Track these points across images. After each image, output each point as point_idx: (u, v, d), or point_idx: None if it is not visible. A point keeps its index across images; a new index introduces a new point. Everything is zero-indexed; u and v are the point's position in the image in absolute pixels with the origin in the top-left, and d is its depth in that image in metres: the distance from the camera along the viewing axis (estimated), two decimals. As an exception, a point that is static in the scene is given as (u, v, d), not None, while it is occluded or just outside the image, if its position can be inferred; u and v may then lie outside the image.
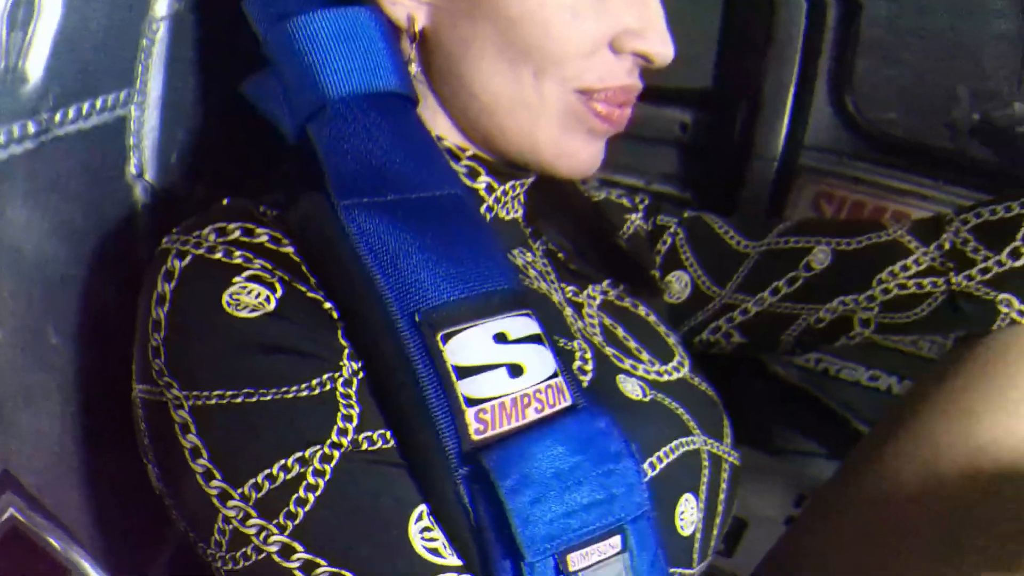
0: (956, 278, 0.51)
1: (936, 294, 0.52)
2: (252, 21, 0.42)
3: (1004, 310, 0.51)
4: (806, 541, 0.58)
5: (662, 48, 0.42)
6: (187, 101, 0.46)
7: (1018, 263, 0.50)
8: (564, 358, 0.40)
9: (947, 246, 0.52)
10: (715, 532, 0.47)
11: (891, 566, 0.52)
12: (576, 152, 0.43)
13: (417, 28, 0.41)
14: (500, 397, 0.34)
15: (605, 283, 0.51)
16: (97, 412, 0.41)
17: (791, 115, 0.87)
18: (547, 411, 0.35)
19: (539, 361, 0.35)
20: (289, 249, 0.36)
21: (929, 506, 0.51)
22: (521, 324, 0.36)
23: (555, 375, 0.35)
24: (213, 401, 0.33)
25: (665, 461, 0.42)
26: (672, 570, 0.43)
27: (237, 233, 0.35)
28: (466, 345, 0.34)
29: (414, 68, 0.42)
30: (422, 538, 0.34)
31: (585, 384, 0.42)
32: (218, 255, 0.35)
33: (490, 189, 0.45)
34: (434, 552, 0.34)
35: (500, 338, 0.35)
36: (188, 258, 0.35)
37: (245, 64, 0.42)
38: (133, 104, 0.42)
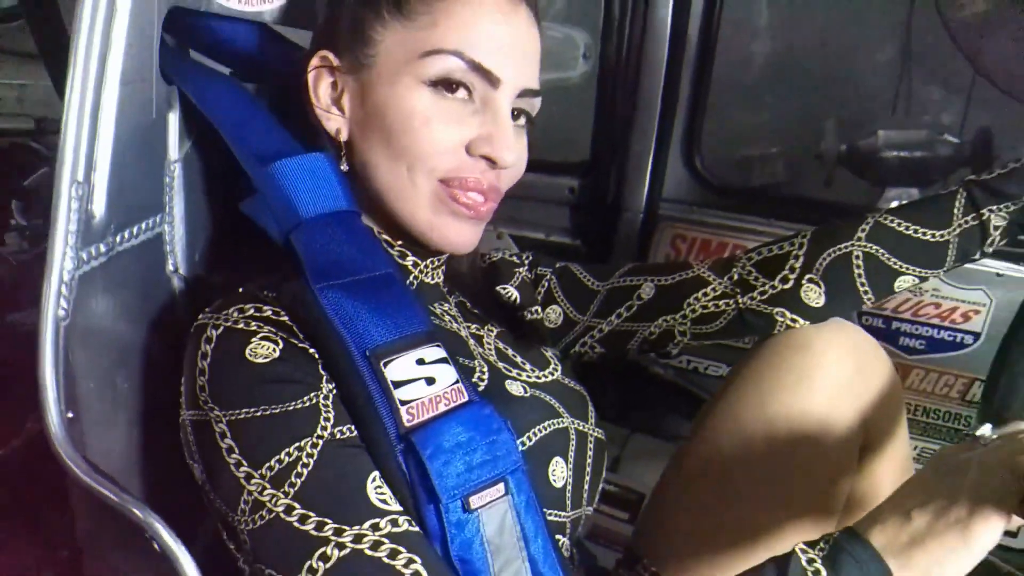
0: (742, 299, 0.74)
1: (728, 311, 0.75)
2: (241, 163, 0.62)
3: (780, 319, 0.74)
4: (657, 502, 0.78)
5: (503, 155, 0.58)
6: (203, 217, 0.65)
7: (786, 286, 0.73)
8: (466, 372, 0.60)
9: (735, 277, 0.75)
10: (585, 488, 0.67)
11: (709, 519, 0.71)
12: (443, 228, 0.60)
13: (342, 139, 0.62)
14: (421, 398, 0.53)
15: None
16: (151, 431, 0.60)
17: (651, 176, 1.12)
18: (451, 405, 0.53)
19: (445, 374, 0.55)
20: (284, 318, 0.55)
21: (741, 468, 0.71)
22: (433, 352, 0.55)
23: (456, 382, 0.55)
24: (242, 415, 0.51)
25: (539, 435, 0.62)
26: (549, 511, 0.61)
27: (251, 311, 0.54)
28: (398, 367, 0.53)
29: (344, 167, 0.61)
30: (376, 493, 0.50)
31: (481, 388, 0.62)
32: (240, 325, 0.53)
33: (415, 264, 0.65)
34: (383, 502, 0.50)
35: (419, 361, 0.54)
36: (220, 328, 0.53)
37: (240, 188, 0.62)
38: (166, 224, 0.62)
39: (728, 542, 0.71)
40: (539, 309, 0.79)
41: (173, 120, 0.64)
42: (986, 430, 0.53)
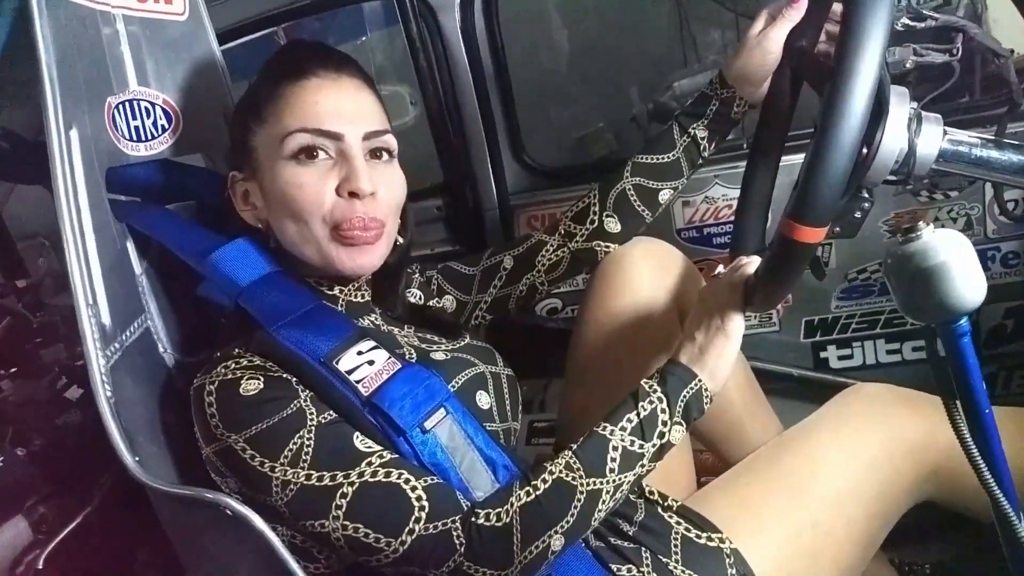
0: (571, 244, 1.03)
1: (565, 256, 1.03)
2: (187, 261, 0.85)
3: (598, 248, 1.02)
4: (562, 407, 1.06)
5: (360, 185, 0.76)
6: (172, 307, 0.89)
7: (594, 225, 1.01)
8: (398, 355, 0.85)
9: (562, 232, 1.04)
10: (507, 407, 0.91)
11: (592, 400, 0.97)
12: (343, 262, 0.79)
13: (261, 225, 0.85)
14: (368, 375, 0.76)
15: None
16: (183, 456, 0.81)
17: (494, 179, 1.41)
18: (391, 372, 0.77)
19: (380, 356, 0.78)
20: (257, 360, 0.76)
21: (602, 358, 0.98)
22: (366, 344, 0.79)
23: (389, 358, 0.79)
24: (253, 432, 0.69)
25: (463, 379, 0.86)
26: (485, 424, 0.83)
27: (233, 364, 0.75)
28: (345, 361, 0.76)
29: (272, 242, 0.85)
30: (361, 444, 0.71)
31: (412, 361, 0.87)
32: (229, 376, 0.72)
33: (341, 291, 0.87)
34: (368, 447, 0.70)
35: (359, 353, 0.78)
36: (216, 383, 0.72)
37: (192, 280, 0.85)
38: (149, 320, 0.85)
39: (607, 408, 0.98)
40: (437, 301, 1.05)
41: (131, 247, 0.86)
42: (720, 269, 0.84)
